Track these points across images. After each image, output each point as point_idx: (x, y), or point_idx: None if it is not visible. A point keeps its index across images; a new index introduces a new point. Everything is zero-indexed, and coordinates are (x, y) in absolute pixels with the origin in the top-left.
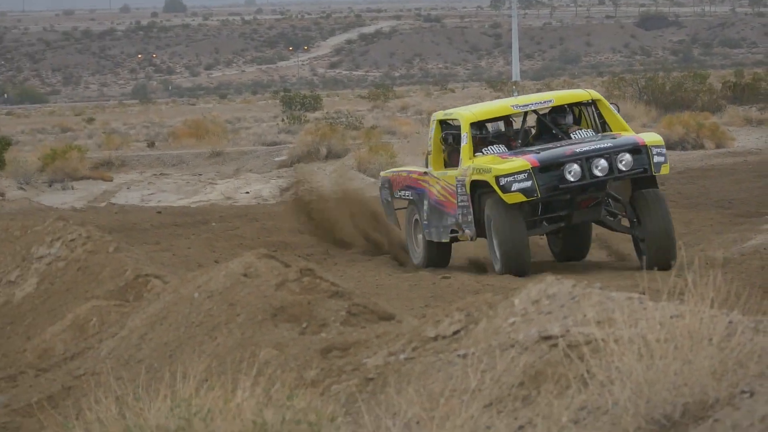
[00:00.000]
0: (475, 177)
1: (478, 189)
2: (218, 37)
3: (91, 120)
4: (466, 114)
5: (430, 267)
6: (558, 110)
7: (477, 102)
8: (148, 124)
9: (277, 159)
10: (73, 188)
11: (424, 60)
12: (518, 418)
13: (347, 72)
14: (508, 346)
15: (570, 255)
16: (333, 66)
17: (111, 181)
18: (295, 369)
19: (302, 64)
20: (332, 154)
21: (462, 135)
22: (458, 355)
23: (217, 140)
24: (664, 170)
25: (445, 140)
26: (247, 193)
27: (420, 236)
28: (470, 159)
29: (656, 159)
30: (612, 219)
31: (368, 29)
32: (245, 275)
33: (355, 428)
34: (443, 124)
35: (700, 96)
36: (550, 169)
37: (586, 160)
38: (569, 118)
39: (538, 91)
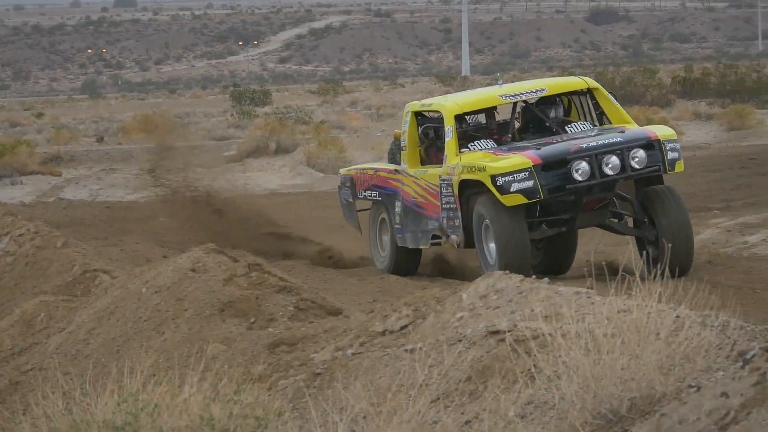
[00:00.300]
0: (466, 176)
1: (467, 190)
2: (168, 32)
3: (40, 115)
4: (449, 105)
5: (397, 274)
6: (546, 100)
7: (427, 97)
8: (98, 119)
9: (226, 154)
10: (21, 183)
11: (374, 55)
12: (465, 412)
13: (297, 67)
14: (455, 341)
15: (551, 268)
16: (283, 61)
17: (60, 176)
18: (243, 364)
19: (252, 59)
20: (281, 149)
21: (446, 128)
22: (406, 350)
23: (166, 135)
24: (679, 168)
25: (425, 134)
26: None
27: (386, 238)
28: (457, 155)
29: (670, 155)
30: (617, 221)
31: (318, 24)
32: (193, 270)
33: (302, 423)
34: (419, 116)
35: (650, 91)
36: (554, 167)
37: (595, 156)
38: (559, 110)
39: (488, 86)
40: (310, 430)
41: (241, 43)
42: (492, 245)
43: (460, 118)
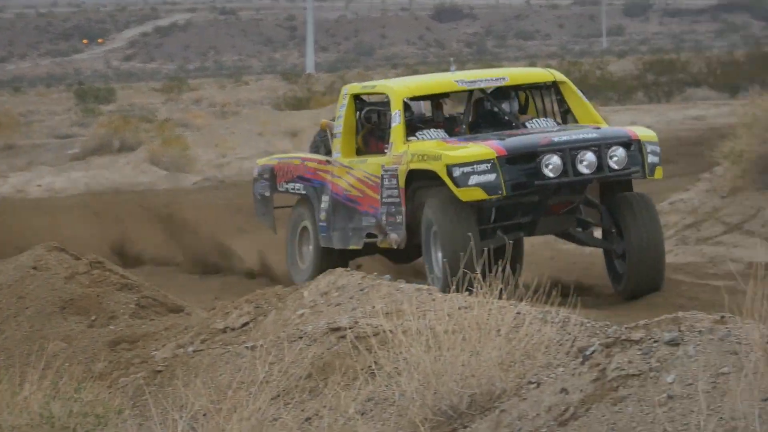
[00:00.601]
0: (416, 165)
1: (415, 182)
2: (12, 29)
3: None
4: (397, 87)
5: None
6: (500, 93)
7: (272, 94)
8: None
9: (69, 152)
10: None
11: (218, 53)
12: (305, 410)
13: (142, 65)
14: (296, 338)
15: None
16: (128, 59)
17: None
18: (84, 362)
19: (97, 57)
20: (125, 147)
21: (393, 113)
22: (247, 347)
23: (9, 133)
24: (658, 174)
25: (367, 119)
26: (39, 186)
27: (307, 250)
28: (404, 143)
29: (651, 159)
30: (582, 231)
31: (163, 22)
32: (35, 268)
33: (142, 421)
34: (358, 100)
35: None
36: (520, 160)
37: (569, 151)
38: (513, 105)
39: (332, 84)
40: (150, 428)
41: (86, 41)
42: (440, 255)
43: (406, 106)
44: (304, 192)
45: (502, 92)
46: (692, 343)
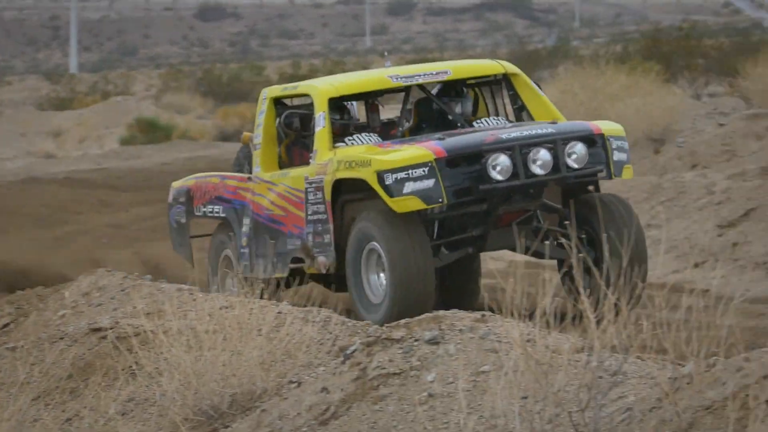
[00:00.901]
0: (343, 174)
1: (343, 194)
2: None
3: None
4: (322, 86)
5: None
6: (449, 91)
7: (36, 94)
8: None
9: None
10: None
11: None
12: (66, 410)
13: None
14: (57, 339)
15: (449, 304)
16: None
17: None
18: None
19: None
20: None
21: (317, 116)
22: (7, 348)
23: None
24: (627, 174)
25: (288, 124)
26: None
27: (232, 283)
28: (330, 150)
29: (617, 156)
30: (543, 243)
31: None
32: None
33: None
34: (280, 104)
35: (257, 87)
36: (463, 162)
37: (519, 149)
38: (466, 105)
39: (95, 84)
40: None
41: None
42: (379, 277)
43: (338, 108)
44: (223, 215)
45: (454, 90)
46: (453, 341)
